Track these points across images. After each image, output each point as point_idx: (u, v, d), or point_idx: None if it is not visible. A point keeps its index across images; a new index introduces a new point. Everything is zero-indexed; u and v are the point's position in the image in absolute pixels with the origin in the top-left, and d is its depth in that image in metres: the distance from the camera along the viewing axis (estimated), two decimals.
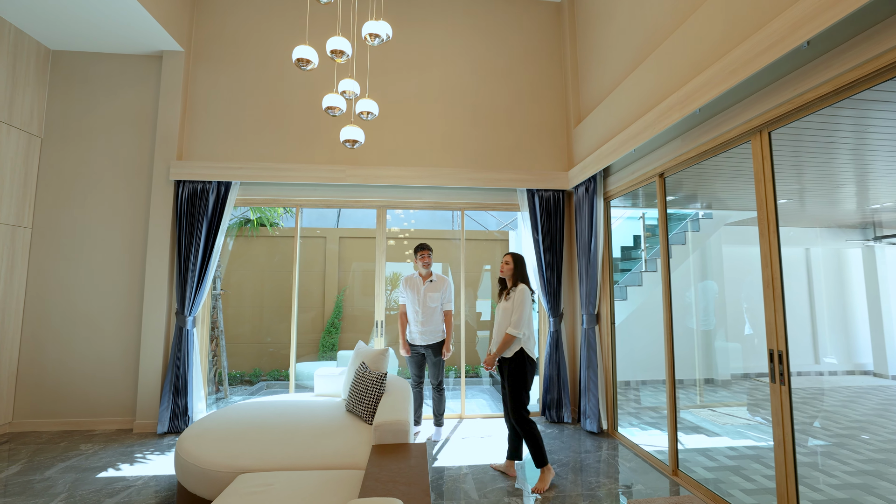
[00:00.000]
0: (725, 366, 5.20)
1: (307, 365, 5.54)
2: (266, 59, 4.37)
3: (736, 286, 5.19)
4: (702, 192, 4.46)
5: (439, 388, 3.75)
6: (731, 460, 3.28)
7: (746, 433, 4.01)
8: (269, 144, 4.27)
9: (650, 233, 6.01)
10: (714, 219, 5.36)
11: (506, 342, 2.85)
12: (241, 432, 2.51)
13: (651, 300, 5.35)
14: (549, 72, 4.68)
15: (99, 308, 3.94)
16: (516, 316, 2.84)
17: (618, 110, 3.52)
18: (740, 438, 3.94)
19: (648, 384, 5.55)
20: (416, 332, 3.71)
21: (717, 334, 5.22)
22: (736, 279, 5.20)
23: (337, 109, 2.32)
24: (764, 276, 2.26)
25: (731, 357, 5.21)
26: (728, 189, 4.58)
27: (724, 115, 2.49)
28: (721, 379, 5.19)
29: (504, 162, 4.50)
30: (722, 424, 4.13)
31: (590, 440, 3.68)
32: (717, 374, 5.21)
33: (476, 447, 3.49)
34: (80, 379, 3.86)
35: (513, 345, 2.86)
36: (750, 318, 5.01)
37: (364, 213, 6.59)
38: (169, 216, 4.00)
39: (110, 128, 4.12)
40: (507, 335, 2.85)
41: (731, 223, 5.41)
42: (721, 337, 5.28)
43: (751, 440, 3.89)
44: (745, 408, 4.54)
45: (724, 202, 5.22)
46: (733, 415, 4.41)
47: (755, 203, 2.38)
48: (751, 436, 3.95)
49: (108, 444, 3.46)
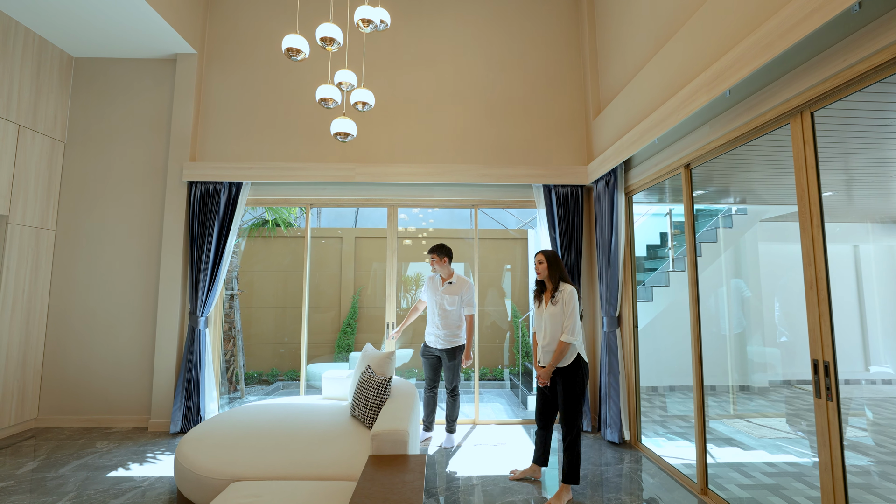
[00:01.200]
0: (762, 372, 4.82)
1: (321, 366, 5.52)
2: (276, 59, 4.34)
3: (773, 287, 4.80)
4: (734, 184, 4.14)
5: (453, 394, 3.58)
6: (770, 478, 2.99)
7: (787, 447, 3.67)
8: (280, 144, 4.24)
9: (678, 230, 5.68)
10: (749, 214, 4.98)
11: (561, 351, 2.59)
12: (240, 437, 2.45)
13: (679, 301, 5.04)
14: (566, 61, 4.46)
15: (117, 309, 4.01)
16: (570, 322, 2.58)
17: (639, 98, 3.27)
18: (779, 453, 3.61)
19: (677, 390, 5.23)
20: (433, 334, 3.56)
21: (751, 338, 4.84)
22: (773, 280, 4.81)
23: (331, 101, 2.21)
24: (806, 277, 2.00)
25: (768, 363, 4.82)
26: (763, 181, 4.22)
27: (759, 96, 2.23)
28: (758, 386, 4.81)
29: (519, 157, 4.31)
30: (759, 437, 3.80)
31: (610, 451, 3.45)
32: (752, 380, 4.84)
33: (489, 456, 3.32)
34: (100, 378, 3.94)
35: (569, 352, 2.62)
36: (786, 322, 4.63)
37: (381, 212, 6.53)
38: (182, 217, 4.03)
39: (128, 131, 4.20)
40: (562, 343, 2.59)
41: (768, 219, 5.02)
42: (757, 341, 4.90)
43: (792, 455, 3.55)
44: (785, 419, 4.17)
45: (759, 196, 4.85)
46: (771, 426, 4.05)
47: (795, 195, 2.11)
48: (792, 450, 3.61)
49: (122, 442, 3.50)
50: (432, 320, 3.57)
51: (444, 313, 3.52)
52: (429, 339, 3.59)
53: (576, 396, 2.61)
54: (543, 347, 2.69)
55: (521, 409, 4.87)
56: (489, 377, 6.15)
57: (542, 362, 2.71)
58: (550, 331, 2.65)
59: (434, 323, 3.56)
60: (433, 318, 3.57)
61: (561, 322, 2.61)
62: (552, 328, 2.65)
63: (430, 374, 3.60)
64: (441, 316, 3.52)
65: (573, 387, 2.61)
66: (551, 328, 2.65)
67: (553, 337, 2.63)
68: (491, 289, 6.42)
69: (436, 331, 3.54)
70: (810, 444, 3.49)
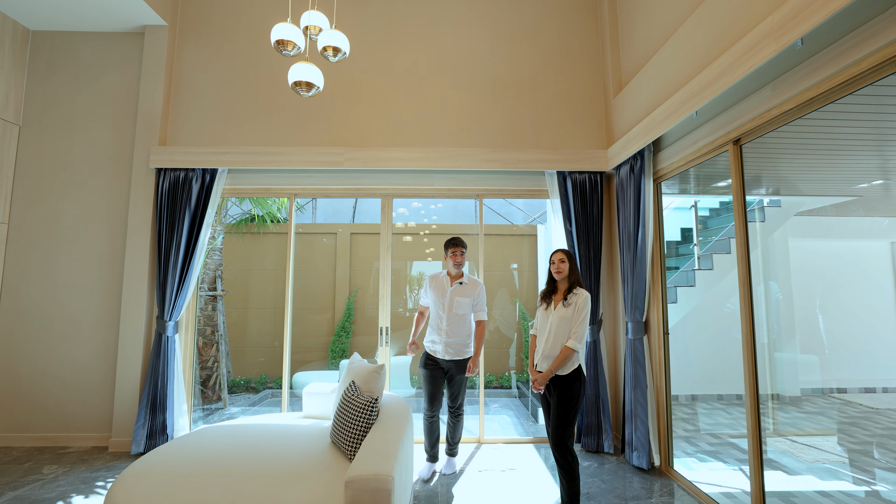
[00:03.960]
0: (798, 379, 4.32)
1: (311, 374, 5.06)
2: (257, 33, 3.88)
3: (809, 288, 4.30)
4: (773, 170, 3.63)
5: (458, 412, 3.08)
6: None
7: (841, 472, 3.16)
8: (260, 127, 3.77)
9: (703, 224, 5.18)
10: (783, 207, 4.46)
11: (564, 357, 2.39)
12: (189, 474, 1.98)
13: (706, 302, 4.54)
14: (581, 32, 3.96)
15: (76, 312, 3.56)
16: (580, 328, 2.40)
17: (673, 64, 2.77)
18: (832, 479, 3.10)
19: (700, 399, 4.73)
20: (439, 343, 3.00)
21: (786, 345, 4.33)
22: (811, 280, 4.31)
23: (291, 46, 1.72)
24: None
25: (804, 369, 4.32)
26: (806, 167, 3.72)
27: (850, 40, 1.72)
28: (789, 395, 4.31)
29: (529, 140, 3.82)
30: (810, 462, 3.29)
31: (637, 479, 2.95)
32: (786, 389, 4.33)
33: (496, 486, 2.84)
34: (56, 390, 3.49)
35: (571, 360, 2.42)
36: (826, 326, 4.14)
37: (381, 206, 6.05)
38: (149, 209, 3.58)
39: (91, 113, 3.75)
40: (566, 349, 2.39)
41: (803, 212, 4.51)
42: (791, 348, 4.38)
43: (846, 482, 3.05)
44: (836, 437, 3.66)
45: (794, 186, 4.34)
46: (818, 446, 3.54)
47: (838, 185, 1.61)
48: (846, 476, 3.10)
49: (74, 466, 3.05)
50: (438, 326, 3.04)
51: (454, 319, 2.99)
52: (432, 348, 3.04)
53: (570, 409, 2.39)
54: (544, 351, 2.47)
55: (531, 423, 4.38)
56: (495, 385, 5.67)
57: (540, 367, 2.49)
58: (556, 334, 2.45)
59: (440, 329, 3.01)
60: (439, 324, 3.03)
61: (569, 326, 2.43)
62: (558, 332, 2.45)
63: (431, 389, 3.02)
64: (450, 322, 2.99)
65: (569, 398, 2.39)
66: (557, 332, 2.45)
67: (557, 341, 2.44)
68: (498, 289, 5.92)
69: (444, 339, 2.99)
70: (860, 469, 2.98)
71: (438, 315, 3.05)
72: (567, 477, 2.36)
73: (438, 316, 3.05)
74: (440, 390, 3.05)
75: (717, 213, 5.22)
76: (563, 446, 2.36)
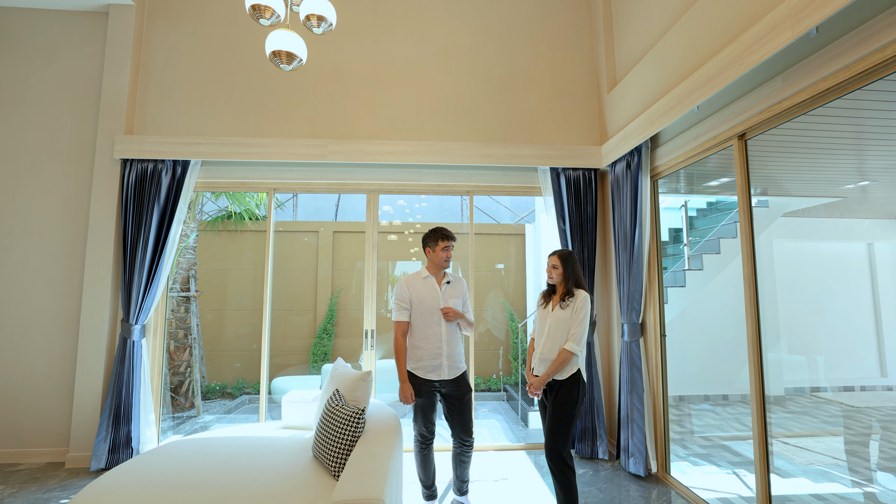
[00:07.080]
0: (786, 378, 4.33)
1: (291, 379, 4.81)
2: (236, 16, 3.63)
3: (793, 288, 4.31)
4: (768, 170, 3.60)
5: (468, 445, 2.51)
6: None
7: (836, 475, 3.13)
8: (237, 116, 3.53)
9: (690, 225, 5.17)
10: (770, 207, 4.46)
11: (562, 360, 2.27)
12: (155, 494, 1.76)
13: (698, 303, 4.52)
14: (574, 25, 3.85)
15: (31, 314, 3.25)
16: (578, 330, 2.28)
17: (674, 57, 2.68)
18: (825, 481, 3.07)
19: (689, 400, 4.70)
20: (443, 359, 2.44)
21: (772, 345, 4.33)
22: (796, 280, 4.32)
23: (269, 12, 1.52)
24: None
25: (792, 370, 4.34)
26: (797, 167, 3.70)
27: (869, 28, 1.64)
28: (775, 395, 4.32)
29: (521, 135, 3.69)
30: (806, 465, 3.25)
31: (634, 486, 2.85)
32: (779, 390, 4.33)
33: (489, 498, 2.69)
34: (7, 401, 3.18)
35: (569, 364, 2.29)
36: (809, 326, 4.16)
37: (365, 203, 5.84)
38: (114, 203, 3.29)
39: (48, 99, 3.44)
40: (564, 351, 2.28)
41: (787, 213, 4.52)
42: (777, 348, 4.39)
43: (841, 485, 3.02)
44: (827, 438, 3.64)
45: (782, 186, 4.34)
46: (811, 448, 3.51)
47: (828, 185, 1.53)
48: (843, 480, 3.07)
49: (25, 485, 2.76)
50: (434, 341, 2.45)
51: (451, 326, 2.50)
52: (432, 371, 2.44)
53: (567, 416, 2.26)
54: (541, 354, 2.35)
55: (521, 427, 4.25)
56: (483, 388, 5.53)
57: (537, 371, 2.36)
58: (553, 336, 2.33)
59: (437, 342, 2.44)
60: (436, 339, 2.45)
61: (567, 328, 2.31)
62: (556, 334, 2.33)
63: (428, 417, 2.46)
64: (449, 331, 2.49)
65: (566, 404, 2.27)
66: (554, 334, 2.33)
67: (555, 344, 2.32)
68: (488, 290, 5.79)
69: (446, 350, 2.45)
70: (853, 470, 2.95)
71: (433, 326, 2.46)
72: (563, 489, 2.23)
73: (434, 327, 2.46)
74: (434, 416, 2.51)
75: (704, 213, 5.21)
76: (558, 456, 2.23)
